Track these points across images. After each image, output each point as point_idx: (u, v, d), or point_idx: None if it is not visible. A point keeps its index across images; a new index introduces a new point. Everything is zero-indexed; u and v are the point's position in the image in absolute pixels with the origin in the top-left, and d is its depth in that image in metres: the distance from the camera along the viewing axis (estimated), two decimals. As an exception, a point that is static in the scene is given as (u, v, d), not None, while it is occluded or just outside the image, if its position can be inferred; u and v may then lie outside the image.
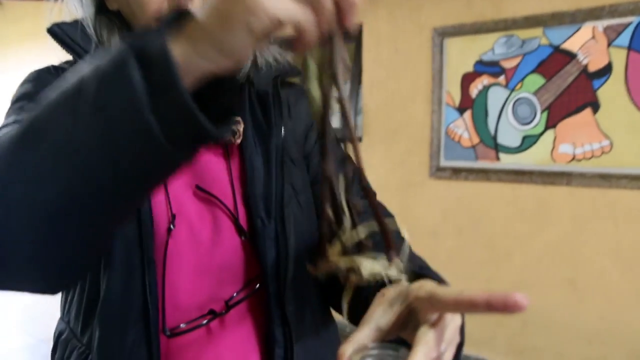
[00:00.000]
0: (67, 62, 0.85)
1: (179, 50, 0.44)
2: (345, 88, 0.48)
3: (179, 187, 0.80)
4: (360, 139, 3.13)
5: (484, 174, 2.69)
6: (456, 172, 2.77)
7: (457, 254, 2.77)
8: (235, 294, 0.80)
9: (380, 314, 0.54)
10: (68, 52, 0.80)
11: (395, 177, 2.97)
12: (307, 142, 0.94)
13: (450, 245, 2.79)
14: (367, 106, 3.08)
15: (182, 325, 0.76)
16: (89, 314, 0.75)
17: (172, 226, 0.76)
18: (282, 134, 0.86)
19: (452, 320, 0.53)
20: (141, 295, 0.73)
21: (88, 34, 0.81)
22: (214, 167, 0.83)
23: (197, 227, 0.79)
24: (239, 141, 0.84)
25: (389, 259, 0.49)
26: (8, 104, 0.79)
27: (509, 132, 2.63)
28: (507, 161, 2.63)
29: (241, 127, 0.83)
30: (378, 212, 0.52)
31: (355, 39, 3.16)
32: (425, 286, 0.53)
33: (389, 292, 0.56)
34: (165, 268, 0.75)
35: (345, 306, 0.54)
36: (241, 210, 0.82)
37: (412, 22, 2.89)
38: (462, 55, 2.75)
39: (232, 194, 0.82)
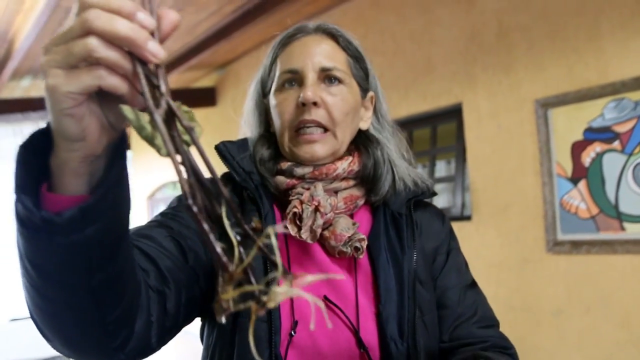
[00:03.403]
0: (222, 176, 0.95)
1: (52, 162, 0.50)
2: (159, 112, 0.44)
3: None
4: (469, 217, 3.06)
5: (609, 246, 2.49)
6: (576, 246, 2.60)
7: (588, 334, 2.54)
8: None
9: None
10: (225, 166, 0.92)
11: (510, 255, 2.84)
12: (434, 263, 0.98)
13: (579, 325, 2.57)
14: (475, 184, 3.03)
15: None
16: None
17: (293, 332, 0.83)
18: (414, 258, 0.92)
19: None
20: None
21: (247, 152, 0.94)
22: (340, 280, 0.89)
23: (316, 334, 0.84)
24: (362, 257, 0.90)
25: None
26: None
27: (632, 199, 2.44)
28: (634, 231, 2.43)
29: (365, 244, 0.89)
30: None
31: (456, 117, 3.18)
32: None
33: None
34: None
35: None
36: (367, 325, 0.88)
37: (512, 97, 2.86)
38: (568, 124, 2.66)
39: (356, 307, 0.88)
